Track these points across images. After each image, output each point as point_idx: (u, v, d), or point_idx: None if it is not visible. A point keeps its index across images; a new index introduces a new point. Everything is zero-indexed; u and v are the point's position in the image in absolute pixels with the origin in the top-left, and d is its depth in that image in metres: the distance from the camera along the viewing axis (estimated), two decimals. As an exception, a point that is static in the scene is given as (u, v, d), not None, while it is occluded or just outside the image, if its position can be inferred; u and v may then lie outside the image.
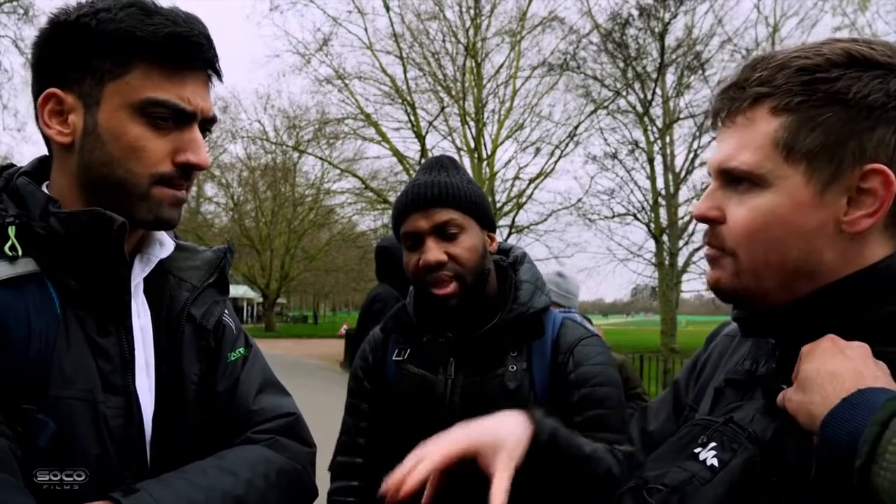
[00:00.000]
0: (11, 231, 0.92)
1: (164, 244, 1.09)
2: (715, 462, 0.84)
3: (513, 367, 1.48)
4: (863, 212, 0.78)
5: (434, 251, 1.46)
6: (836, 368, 0.73)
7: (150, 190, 0.97)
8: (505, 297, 1.55)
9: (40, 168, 1.05)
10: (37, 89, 0.99)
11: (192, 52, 0.97)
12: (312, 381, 13.34)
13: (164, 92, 0.95)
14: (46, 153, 1.07)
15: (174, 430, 1.01)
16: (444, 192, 1.49)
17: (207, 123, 1.03)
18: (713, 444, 0.86)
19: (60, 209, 0.94)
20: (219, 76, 1.03)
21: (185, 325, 1.07)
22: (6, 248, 0.91)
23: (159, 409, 1.01)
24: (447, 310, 1.52)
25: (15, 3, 17.62)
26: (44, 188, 1.01)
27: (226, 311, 1.14)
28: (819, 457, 0.70)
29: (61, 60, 0.97)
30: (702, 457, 0.86)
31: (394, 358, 1.60)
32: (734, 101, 0.84)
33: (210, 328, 1.09)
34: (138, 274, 1.04)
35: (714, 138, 0.91)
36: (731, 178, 0.84)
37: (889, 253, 0.81)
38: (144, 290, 1.05)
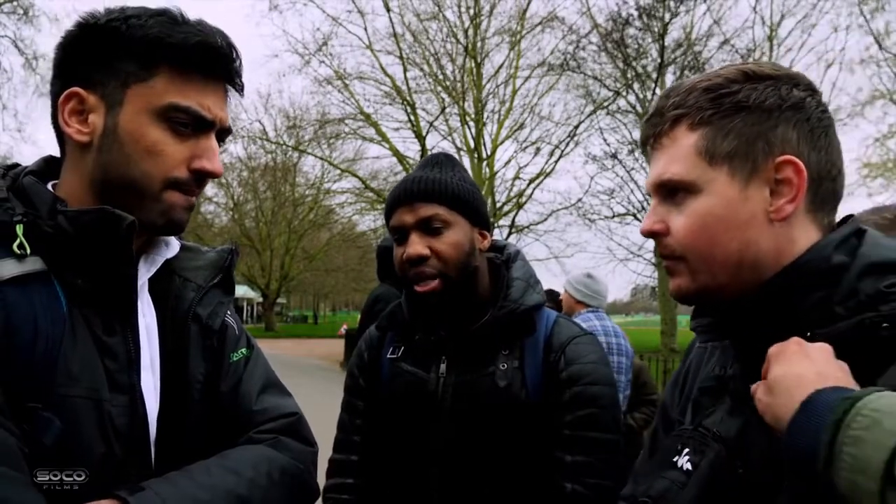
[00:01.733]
0: (20, 229, 0.92)
1: (170, 244, 1.10)
2: (689, 465, 0.92)
3: (503, 366, 1.48)
4: (784, 199, 0.90)
5: (416, 245, 1.46)
6: (800, 371, 0.78)
7: (162, 193, 0.98)
8: (497, 294, 1.55)
9: (46, 168, 1.05)
10: (58, 88, 1.00)
11: (218, 62, 1.00)
12: (312, 381, 13.34)
13: (186, 99, 0.97)
14: (48, 153, 1.08)
15: (179, 430, 1.02)
16: (430, 188, 1.49)
17: (223, 134, 1.04)
18: (687, 450, 0.94)
19: (68, 208, 0.95)
20: (240, 90, 1.05)
21: (191, 324, 1.08)
22: (14, 246, 0.91)
23: (164, 408, 1.01)
24: (430, 307, 1.52)
25: (15, 4, 17.63)
26: (49, 187, 1.01)
27: (228, 312, 1.15)
28: (787, 463, 0.75)
29: (87, 61, 0.98)
30: (679, 464, 0.94)
31: (388, 356, 1.60)
32: (657, 127, 0.97)
33: (216, 329, 1.10)
34: (144, 273, 1.04)
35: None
36: (668, 192, 0.95)
37: (814, 234, 0.92)
38: (150, 290, 1.06)
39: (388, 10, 20.83)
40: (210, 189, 33.97)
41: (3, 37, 18.49)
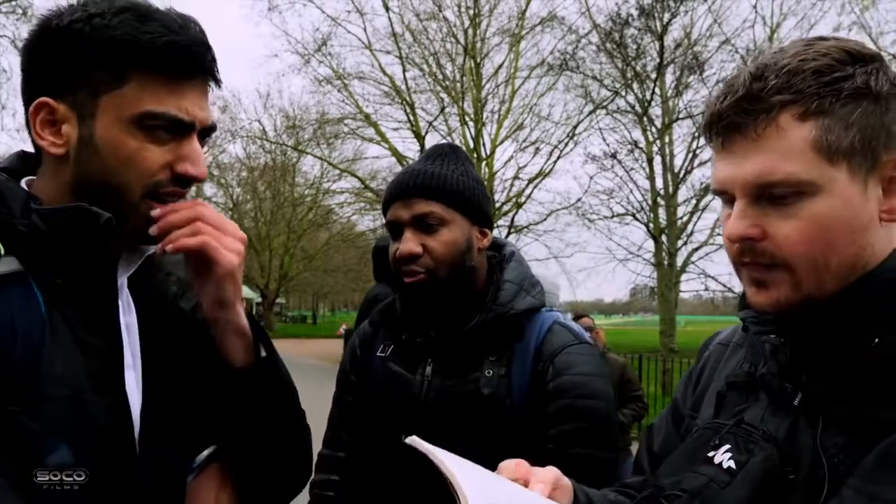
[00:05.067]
0: None
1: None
2: (732, 464, 0.84)
3: (489, 372, 1.42)
4: None
5: (409, 242, 1.43)
6: None
7: (141, 203, 0.95)
8: (487, 297, 1.50)
9: (20, 164, 1.02)
10: (27, 97, 0.96)
11: (191, 61, 0.95)
12: (311, 381, 13.31)
13: (161, 104, 0.93)
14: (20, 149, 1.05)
15: (162, 425, 1.00)
16: (427, 184, 1.44)
17: (206, 132, 1.01)
18: (727, 447, 0.86)
19: (41, 206, 0.93)
20: (217, 83, 1.01)
21: (174, 318, 1.06)
22: None
23: (147, 405, 0.99)
24: (419, 301, 1.48)
25: (14, 3, 17.59)
26: (23, 184, 0.99)
27: None
28: None
29: (53, 69, 0.94)
30: (717, 460, 0.87)
31: (378, 353, 1.57)
32: (756, 113, 0.81)
33: (200, 321, 1.07)
34: (124, 271, 1.02)
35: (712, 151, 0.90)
36: (771, 193, 0.82)
37: None
38: (130, 285, 1.03)
39: (388, 9, 20.83)
40: (209, 189, 33.95)
41: (2, 36, 18.45)
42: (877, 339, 0.78)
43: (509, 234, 20.78)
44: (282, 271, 35.51)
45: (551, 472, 0.97)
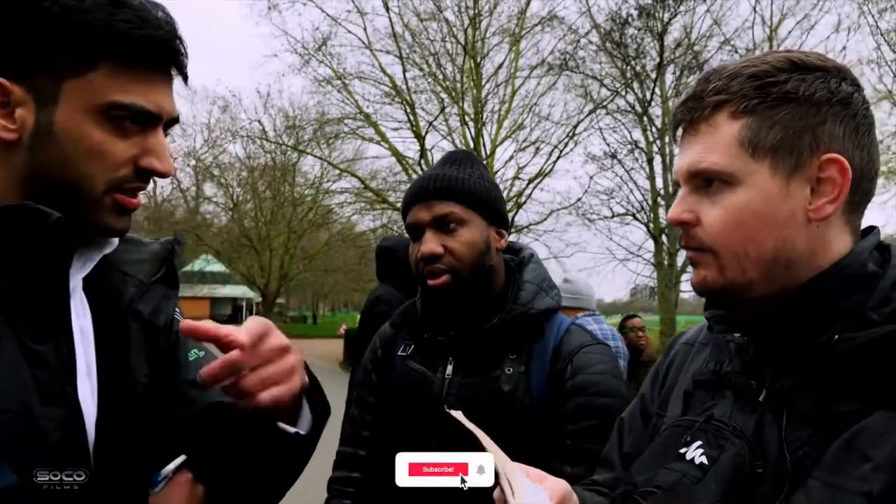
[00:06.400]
0: None
1: (108, 239, 1.00)
2: (704, 460, 0.88)
3: (509, 370, 1.46)
4: (825, 199, 0.86)
5: (430, 243, 1.47)
6: None
7: (104, 197, 0.90)
8: (507, 297, 1.54)
9: None
10: None
11: (165, 55, 0.91)
12: (312, 381, 13.29)
13: (130, 95, 0.88)
14: None
15: (119, 434, 0.94)
16: (446, 185, 1.49)
17: (170, 124, 0.96)
18: (698, 443, 0.90)
19: None
20: (185, 79, 0.96)
21: (131, 322, 1.00)
22: None
23: (103, 413, 0.93)
24: (442, 303, 1.52)
25: None
26: None
27: (178, 310, 1.08)
28: None
29: (11, 46, 0.86)
30: (688, 456, 0.90)
31: (399, 353, 1.61)
32: (695, 111, 0.91)
33: (160, 325, 1.03)
34: (78, 272, 0.95)
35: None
36: (702, 181, 0.91)
37: (847, 236, 0.89)
38: (85, 286, 0.97)
39: (388, 9, 20.83)
40: (209, 189, 34.02)
41: None
42: (836, 336, 0.83)
43: (509, 234, 20.76)
44: (282, 271, 35.49)
45: (561, 486, 1.00)
